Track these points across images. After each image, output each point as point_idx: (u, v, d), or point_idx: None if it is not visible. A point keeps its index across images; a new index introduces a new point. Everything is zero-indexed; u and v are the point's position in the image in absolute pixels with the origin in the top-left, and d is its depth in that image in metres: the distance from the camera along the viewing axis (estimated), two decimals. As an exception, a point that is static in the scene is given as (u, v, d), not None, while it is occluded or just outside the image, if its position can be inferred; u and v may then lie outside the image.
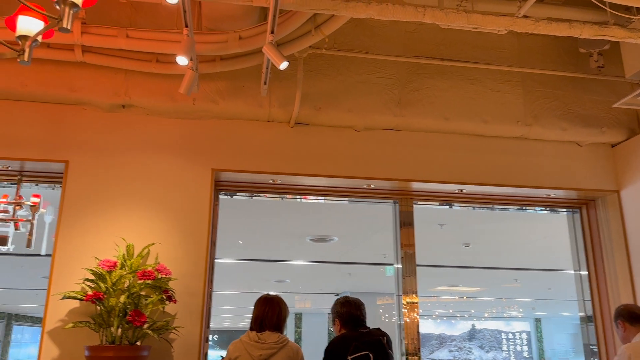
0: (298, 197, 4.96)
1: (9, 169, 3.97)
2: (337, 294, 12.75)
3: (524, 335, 18.73)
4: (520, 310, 16.91)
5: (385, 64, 4.34)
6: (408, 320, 4.31)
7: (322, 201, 5.54)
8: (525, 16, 3.23)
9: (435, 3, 3.38)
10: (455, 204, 4.86)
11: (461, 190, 4.53)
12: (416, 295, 4.38)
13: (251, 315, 3.15)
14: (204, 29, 3.77)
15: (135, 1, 3.67)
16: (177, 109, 4.06)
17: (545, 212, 5.42)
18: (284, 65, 3.01)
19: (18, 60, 2.28)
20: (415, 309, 4.36)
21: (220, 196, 4.33)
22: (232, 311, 15.98)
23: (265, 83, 3.74)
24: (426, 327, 17.87)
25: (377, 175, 4.26)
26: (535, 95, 4.56)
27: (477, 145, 4.49)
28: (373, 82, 4.31)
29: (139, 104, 4.01)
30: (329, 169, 4.21)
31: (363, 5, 2.85)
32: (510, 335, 18.74)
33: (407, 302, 4.35)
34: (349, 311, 3.09)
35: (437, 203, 4.86)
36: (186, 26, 3.03)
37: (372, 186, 4.42)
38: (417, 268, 4.45)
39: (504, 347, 18.59)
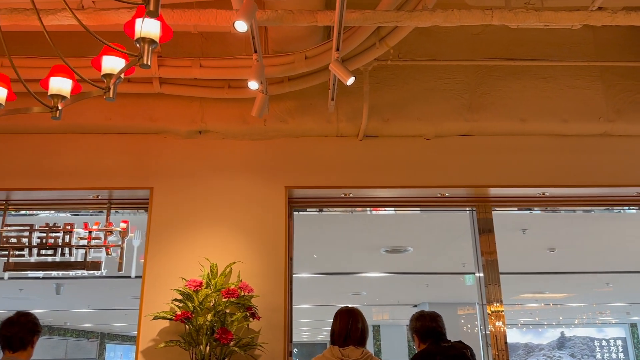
0: (368, 209, 4.96)
1: (99, 197, 4.25)
2: (415, 305, 12.52)
3: (619, 342, 17.50)
4: (614, 315, 15.83)
5: (453, 69, 4.26)
6: (494, 330, 4.16)
7: (393, 212, 5.49)
8: (600, 8, 3.08)
9: (502, 3, 3.29)
10: (537, 208, 4.65)
11: (543, 194, 4.33)
12: (501, 304, 4.22)
13: (329, 328, 3.13)
14: (270, 51, 3.88)
15: (206, 32, 3.84)
16: (250, 131, 4.19)
17: (635, 211, 5.07)
18: (351, 80, 3.04)
19: (104, 97, 2.45)
20: (501, 318, 4.20)
21: (295, 212, 4.41)
22: (310, 324, 16.10)
23: (332, 99, 3.78)
24: (511, 336, 17.13)
25: (451, 183, 4.17)
26: (617, 89, 4.30)
27: (558, 146, 4.29)
28: (441, 88, 4.24)
29: (214, 129, 4.18)
30: (400, 179, 4.18)
31: (428, 14, 2.82)
32: (604, 343, 17.57)
33: (492, 311, 4.20)
34: (424, 325, 3.02)
35: (517, 208, 4.68)
36: (255, 52, 3.13)
37: (446, 194, 4.33)
38: (500, 276, 4.29)
39: (598, 355, 17.45)
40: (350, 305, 3.22)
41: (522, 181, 4.19)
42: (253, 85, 3.20)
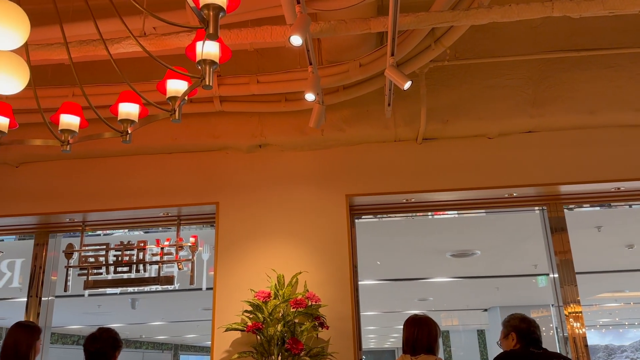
0: (430, 213, 4.87)
1: (169, 215, 4.42)
2: (486, 310, 12.17)
3: None
4: None
5: (514, 65, 4.13)
6: (572, 332, 3.97)
7: (456, 215, 5.36)
8: (671, -12, 2.89)
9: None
10: (612, 204, 4.41)
11: (618, 189, 4.11)
12: (579, 305, 4.03)
13: (396, 335, 3.11)
14: (324, 62, 3.90)
15: (261, 48, 3.92)
16: (308, 142, 4.23)
17: None
18: (407, 85, 3.00)
19: (171, 119, 2.55)
20: (580, 320, 4.01)
21: (357, 219, 4.40)
22: (377, 331, 15.95)
23: (389, 105, 3.75)
24: (590, 338, 16.21)
25: (519, 182, 4.03)
26: (693, 72, 4.03)
27: (631, 137, 4.05)
28: (502, 85, 4.12)
29: (274, 142, 4.25)
30: (463, 181, 4.08)
31: (484, 11, 2.75)
32: (693, 342, 16.35)
33: (569, 313, 4.01)
34: (528, 327, 2.94)
35: (589, 205, 4.46)
36: (310, 64, 3.16)
37: (514, 194, 4.19)
38: (576, 275, 4.10)
39: (690, 356, 16.25)
40: (419, 313, 3.17)
41: (594, 176, 3.99)
42: (310, 97, 3.23)
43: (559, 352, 4.03)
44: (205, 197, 4.22)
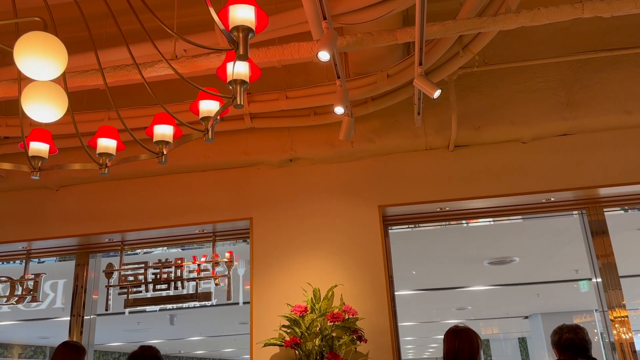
0: (464, 221, 4.79)
1: (204, 231, 4.48)
2: (526, 317, 11.88)
3: None
4: None
5: (545, 68, 4.06)
6: (618, 337, 3.84)
7: (492, 222, 5.26)
8: None
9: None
10: (655, 205, 4.27)
11: (660, 189, 3.98)
12: (624, 309, 3.90)
13: (434, 345, 3.08)
14: (352, 74, 3.92)
15: (289, 64, 3.96)
16: (338, 154, 4.24)
17: None
18: (437, 94, 2.99)
19: (204, 139, 2.59)
20: (626, 324, 3.88)
21: (390, 230, 4.37)
22: (415, 342, 15.72)
23: (418, 114, 3.73)
24: (638, 343, 15.62)
25: (556, 186, 3.94)
26: None
27: (671, 136, 3.93)
28: (534, 88, 4.05)
29: (304, 156, 4.28)
30: (498, 188, 4.01)
31: (513, 16, 2.72)
32: None
33: (615, 318, 3.88)
34: (561, 337, 2.88)
35: (628, 207, 4.33)
36: (338, 77, 3.18)
37: (551, 199, 4.10)
38: (620, 279, 3.97)
39: None
40: (460, 324, 3.12)
41: (634, 178, 3.87)
42: (339, 110, 3.25)
43: (604, 358, 3.90)
44: (239, 213, 4.26)
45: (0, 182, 4.48)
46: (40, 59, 1.64)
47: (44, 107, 1.92)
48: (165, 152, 2.60)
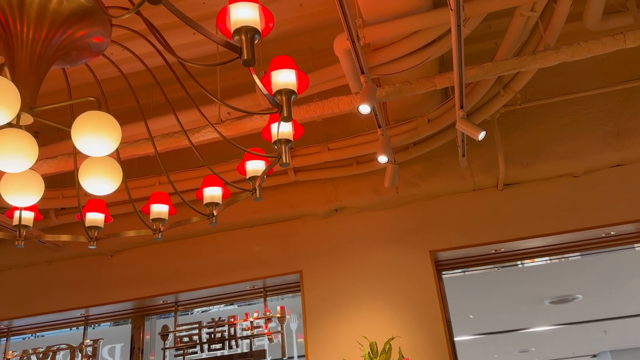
0: (520, 262, 4.61)
1: (255, 287, 4.48)
2: (594, 356, 11.20)
3: None
4: None
5: (589, 99, 3.96)
6: None
7: (549, 261, 5.04)
8: None
9: (625, 22, 3.06)
10: None
11: None
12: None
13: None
14: (391, 121, 3.93)
15: (329, 117, 4.03)
16: (384, 201, 4.21)
17: None
18: (482, 135, 2.95)
19: (253, 198, 2.63)
20: None
21: (444, 275, 4.25)
22: (478, 388, 14.97)
23: (463, 155, 3.69)
24: None
25: (615, 220, 3.77)
26: None
27: None
28: (580, 121, 3.95)
29: (349, 205, 4.27)
30: (553, 225, 3.87)
31: (552, 53, 2.69)
32: None
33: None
34: None
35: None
36: (379, 127, 3.19)
37: (611, 233, 3.91)
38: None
39: None
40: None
41: (702, 205, 3.67)
42: (382, 159, 3.25)
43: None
44: (288, 267, 4.25)
45: (58, 252, 4.64)
46: (97, 138, 1.71)
47: (101, 181, 1.99)
48: (215, 214, 2.63)
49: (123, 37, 3.16)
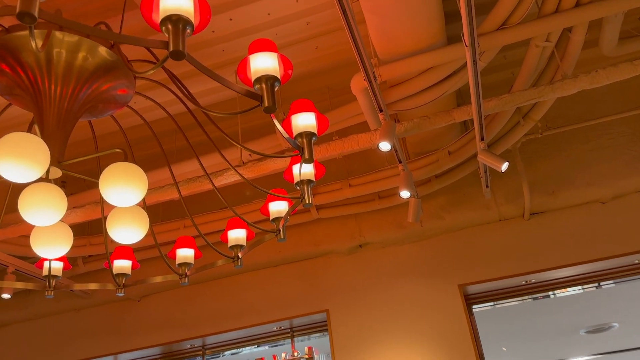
0: (552, 293, 4.49)
1: (282, 328, 4.44)
2: (637, 386, 10.68)
3: None
4: None
5: (612, 124, 3.92)
6: None
7: (581, 290, 4.88)
8: None
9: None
10: None
11: None
12: None
13: None
14: (411, 154, 3.93)
15: (349, 154, 4.05)
16: (408, 235, 4.17)
17: None
18: (505, 166, 2.93)
19: (277, 239, 2.63)
20: None
21: (474, 309, 4.15)
22: None
23: (487, 186, 3.66)
24: None
25: (648, 246, 3.67)
26: None
27: None
28: (604, 146, 3.90)
29: (373, 240, 4.24)
30: (583, 254, 3.78)
31: (570, 82, 2.68)
32: None
33: None
34: None
35: None
36: (400, 162, 3.19)
37: (645, 259, 3.80)
38: None
39: None
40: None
41: None
42: (405, 194, 3.23)
43: None
44: (315, 306, 4.21)
45: (86, 299, 4.68)
46: (124, 189, 1.74)
47: (128, 230, 2.01)
48: (240, 256, 2.64)
49: (145, 86, 3.26)
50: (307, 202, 2.45)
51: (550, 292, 4.54)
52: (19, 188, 1.69)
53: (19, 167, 1.49)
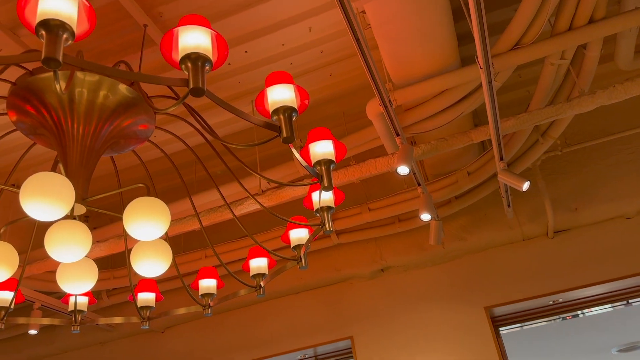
0: (580, 312, 4.38)
1: (306, 356, 4.39)
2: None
3: None
4: None
5: (632, 138, 3.87)
6: None
7: (611, 308, 4.75)
8: None
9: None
10: None
11: None
12: None
13: None
14: (430, 176, 3.91)
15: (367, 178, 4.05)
16: (430, 257, 4.12)
17: None
18: (526, 186, 2.89)
19: (299, 267, 2.62)
20: None
21: (502, 331, 4.07)
22: None
23: (508, 206, 3.61)
24: None
25: (678, 261, 3.58)
26: None
27: None
28: (626, 160, 3.84)
29: (395, 264, 4.20)
30: (611, 271, 3.69)
31: (588, 99, 2.66)
32: None
33: None
34: None
35: None
36: (419, 184, 3.18)
37: (677, 275, 3.69)
38: None
39: None
40: None
41: None
42: (425, 217, 3.21)
43: None
44: (339, 333, 4.16)
45: (110, 332, 4.70)
46: (148, 224, 1.76)
47: (152, 264, 2.03)
48: (262, 285, 2.63)
49: (164, 120, 3.32)
50: (327, 229, 2.45)
51: (579, 311, 4.44)
52: (44, 224, 1.72)
53: (45, 207, 1.52)
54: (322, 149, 1.95)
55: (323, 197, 2.28)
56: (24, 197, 1.49)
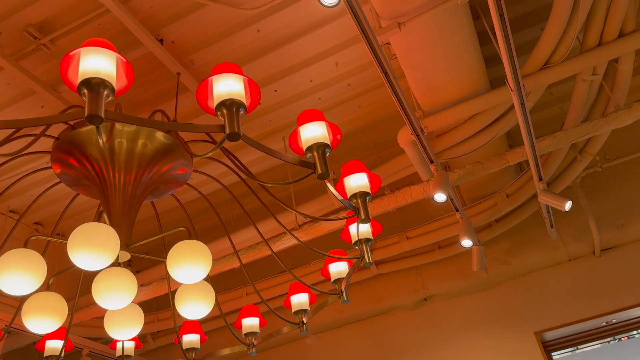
0: (635, 332, 4.17)
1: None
2: None
3: None
4: None
5: (676, 148, 3.75)
6: None
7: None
8: None
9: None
10: None
11: None
12: None
13: None
14: (467, 201, 3.86)
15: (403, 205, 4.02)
16: (474, 283, 4.03)
17: None
18: (568, 205, 2.82)
19: (340, 301, 2.60)
20: None
21: (554, 356, 3.91)
22: None
23: (552, 226, 3.52)
24: None
25: None
26: None
27: None
28: (670, 173, 3.71)
29: (438, 292, 4.12)
30: (668, 286, 3.53)
31: (625, 112, 2.60)
32: None
33: None
34: None
35: None
36: (457, 210, 3.14)
37: None
38: None
39: None
40: None
41: None
42: (466, 243, 3.16)
43: None
44: (385, 366, 4.08)
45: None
46: (190, 267, 1.79)
47: (196, 306, 2.04)
48: (305, 321, 2.61)
49: (199, 162, 3.40)
50: (367, 261, 2.43)
51: (635, 332, 4.23)
52: (90, 272, 1.76)
53: (92, 256, 1.56)
54: (357, 181, 1.96)
55: (361, 230, 2.27)
56: (71, 248, 1.54)
